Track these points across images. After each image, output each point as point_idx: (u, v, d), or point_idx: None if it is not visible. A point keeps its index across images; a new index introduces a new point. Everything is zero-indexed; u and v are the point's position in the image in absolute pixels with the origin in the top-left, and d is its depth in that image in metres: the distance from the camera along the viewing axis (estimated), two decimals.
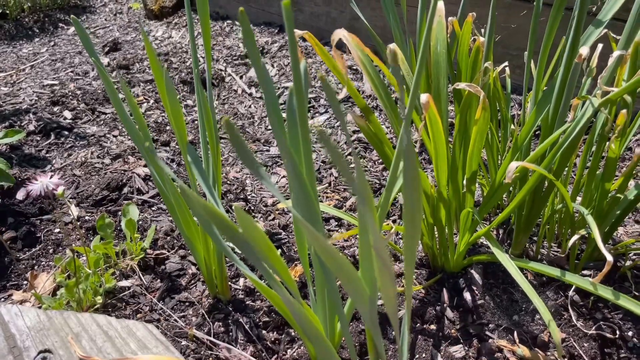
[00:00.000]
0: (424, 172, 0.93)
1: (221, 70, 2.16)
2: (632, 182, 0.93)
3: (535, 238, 1.13)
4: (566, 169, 0.99)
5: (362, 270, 0.61)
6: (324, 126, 1.73)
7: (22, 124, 1.85)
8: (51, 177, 0.97)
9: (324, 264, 0.69)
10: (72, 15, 0.85)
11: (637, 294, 0.98)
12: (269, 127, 1.77)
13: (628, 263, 1.04)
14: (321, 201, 1.39)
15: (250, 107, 1.89)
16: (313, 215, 0.70)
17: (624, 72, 0.83)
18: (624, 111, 0.80)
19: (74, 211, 1.40)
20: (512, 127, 1.00)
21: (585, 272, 1.04)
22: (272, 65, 2.08)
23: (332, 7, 2.05)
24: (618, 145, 0.84)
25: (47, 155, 1.73)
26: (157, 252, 1.17)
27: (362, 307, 0.57)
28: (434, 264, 1.07)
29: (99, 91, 2.07)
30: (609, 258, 0.71)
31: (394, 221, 1.27)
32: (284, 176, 1.52)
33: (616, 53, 0.78)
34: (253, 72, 2.07)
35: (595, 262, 1.04)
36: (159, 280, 1.12)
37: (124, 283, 1.08)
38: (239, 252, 1.17)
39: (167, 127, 1.84)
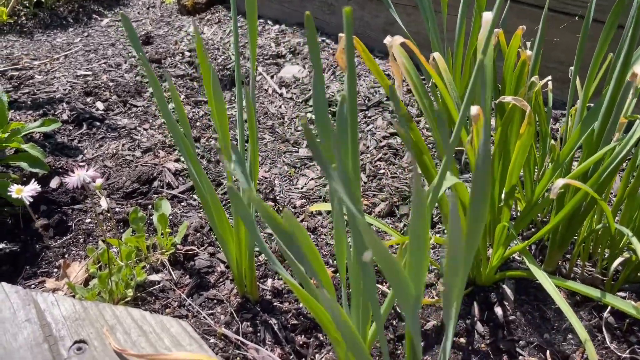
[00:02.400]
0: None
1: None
2: None
3: (568, 256, 1.12)
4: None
5: (409, 270, 0.61)
6: None
7: (56, 113, 1.87)
8: (87, 169, 0.98)
9: (366, 267, 0.68)
10: (120, 12, 0.86)
11: None
12: (299, 127, 1.77)
13: None
14: None
15: (280, 107, 1.89)
16: (360, 221, 0.69)
17: None
18: None
19: (105, 202, 1.41)
20: (552, 142, 0.98)
21: (620, 293, 1.02)
22: (304, 67, 2.08)
23: (366, 11, 2.05)
24: None
25: (79, 145, 1.75)
26: (187, 247, 1.17)
27: (407, 306, 0.56)
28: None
29: (131, 84, 2.09)
30: None
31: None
32: (312, 178, 1.52)
33: None
34: (284, 72, 2.07)
35: (632, 284, 1.03)
36: (188, 276, 1.13)
37: (154, 277, 1.09)
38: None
39: (197, 124, 1.85)
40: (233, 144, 0.80)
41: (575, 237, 1.05)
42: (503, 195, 0.94)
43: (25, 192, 1.04)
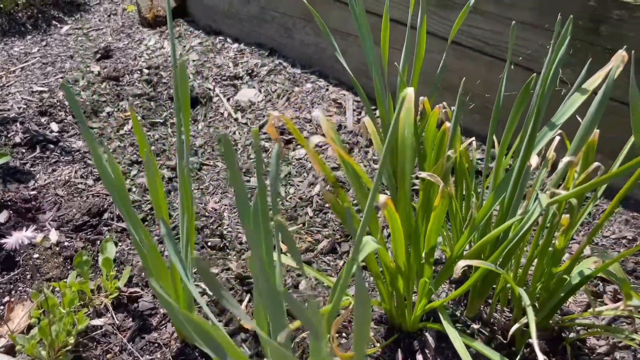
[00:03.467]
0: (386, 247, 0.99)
1: (209, 89, 2.19)
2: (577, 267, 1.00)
3: (491, 300, 1.20)
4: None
5: None
6: (306, 159, 1.78)
7: (9, 135, 1.88)
8: (26, 229, 1.01)
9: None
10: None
11: None
12: (252, 156, 1.82)
13: (571, 335, 1.11)
14: None
15: (235, 133, 1.93)
16: (277, 306, 0.76)
17: (573, 173, 0.89)
18: (566, 216, 0.87)
19: (54, 236, 1.44)
20: (473, 201, 1.06)
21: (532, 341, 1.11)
22: (260, 90, 2.12)
23: (321, 38, 2.10)
24: (563, 240, 0.91)
25: (32, 169, 1.77)
26: (132, 290, 1.22)
27: None
28: (392, 322, 1.13)
29: (88, 103, 2.10)
30: (540, 358, 0.77)
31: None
32: None
33: (565, 159, 0.85)
34: (240, 95, 2.11)
35: (543, 332, 1.11)
36: (131, 319, 1.17)
37: (97, 322, 1.13)
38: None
39: (152, 147, 1.88)
40: (163, 221, 0.85)
41: (495, 286, 1.14)
42: (424, 254, 1.01)
43: None
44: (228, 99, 2.12)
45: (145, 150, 0.93)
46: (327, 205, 1.58)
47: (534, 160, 0.82)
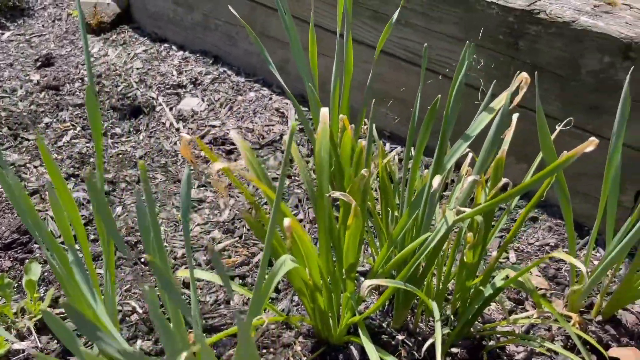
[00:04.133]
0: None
1: (153, 98, 2.17)
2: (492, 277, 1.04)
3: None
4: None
5: None
6: (245, 169, 1.77)
7: None
8: None
9: None
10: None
11: None
12: (192, 167, 1.81)
13: (491, 343, 1.15)
14: (229, 257, 1.45)
15: (175, 143, 1.92)
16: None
17: (480, 192, 0.93)
18: (469, 234, 0.90)
19: None
20: (395, 214, 1.09)
21: (453, 349, 1.14)
22: (203, 99, 2.11)
23: (265, 47, 2.10)
24: (471, 255, 0.94)
25: None
26: (58, 310, 1.20)
27: None
28: (319, 336, 1.15)
29: (25, 114, 2.05)
30: None
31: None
32: (198, 224, 1.57)
33: (470, 178, 0.88)
34: (183, 104, 2.10)
35: (464, 340, 1.15)
36: (56, 341, 1.16)
37: (19, 345, 1.11)
38: None
39: (91, 159, 1.85)
40: (70, 246, 0.84)
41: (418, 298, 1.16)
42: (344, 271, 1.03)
43: None
44: (171, 108, 2.10)
45: (54, 174, 0.92)
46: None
47: (435, 181, 0.84)
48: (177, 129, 1.99)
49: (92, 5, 2.72)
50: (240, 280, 1.38)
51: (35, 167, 1.81)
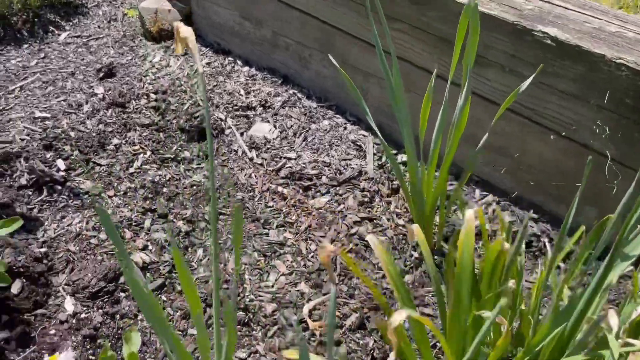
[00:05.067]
0: None
1: (221, 119, 2.11)
2: None
3: None
4: None
5: None
6: (326, 209, 1.72)
7: (14, 175, 1.79)
8: (60, 351, 0.95)
9: None
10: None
11: None
12: (269, 203, 1.75)
13: None
14: (320, 317, 1.40)
15: (250, 175, 1.86)
16: None
17: None
18: None
19: (69, 305, 1.38)
20: (529, 319, 1.01)
21: None
22: (275, 126, 2.04)
23: (340, 73, 2.01)
24: None
25: (40, 215, 1.69)
26: None
27: None
28: None
29: (94, 134, 2.01)
30: None
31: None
32: (283, 274, 1.52)
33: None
34: (254, 130, 2.03)
35: None
36: None
37: None
38: None
39: (165, 189, 1.81)
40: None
41: None
42: None
43: None
44: (242, 134, 2.04)
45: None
46: (351, 268, 1.53)
47: (613, 321, 0.77)
48: (251, 159, 1.92)
49: (152, 11, 2.65)
50: (335, 348, 1.33)
51: (110, 197, 1.77)
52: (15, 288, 1.36)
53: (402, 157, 1.86)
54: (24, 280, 1.38)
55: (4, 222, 1.34)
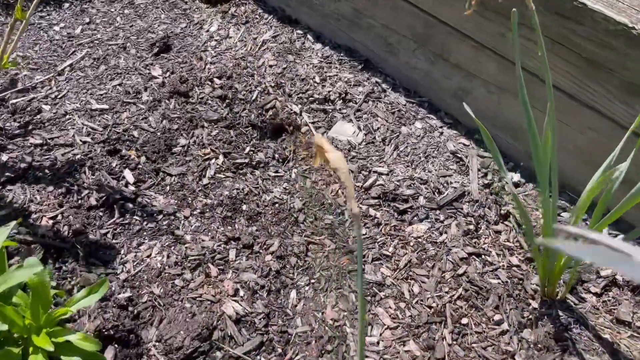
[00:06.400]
0: None
1: (295, 113, 1.89)
2: None
3: None
4: None
5: None
6: (425, 239, 1.55)
7: (82, 195, 1.64)
8: None
9: None
10: None
11: None
12: (362, 230, 1.59)
13: None
14: None
15: (338, 193, 1.68)
16: None
17: None
18: None
19: None
20: None
21: None
22: (359, 127, 1.82)
23: (434, 67, 1.74)
24: None
25: (115, 241, 1.57)
26: None
27: None
28: None
29: (159, 133, 1.82)
30: None
31: None
32: (387, 327, 1.39)
33: None
34: (335, 131, 1.82)
35: None
36: None
37: None
38: None
39: (244, 207, 1.65)
40: None
41: None
42: None
43: None
44: (322, 134, 1.82)
45: None
46: (463, 321, 1.39)
47: None
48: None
49: None
50: None
51: (186, 217, 1.62)
52: (109, 355, 1.26)
53: (512, 176, 1.65)
54: (116, 346, 1.28)
55: (92, 288, 1.21)
